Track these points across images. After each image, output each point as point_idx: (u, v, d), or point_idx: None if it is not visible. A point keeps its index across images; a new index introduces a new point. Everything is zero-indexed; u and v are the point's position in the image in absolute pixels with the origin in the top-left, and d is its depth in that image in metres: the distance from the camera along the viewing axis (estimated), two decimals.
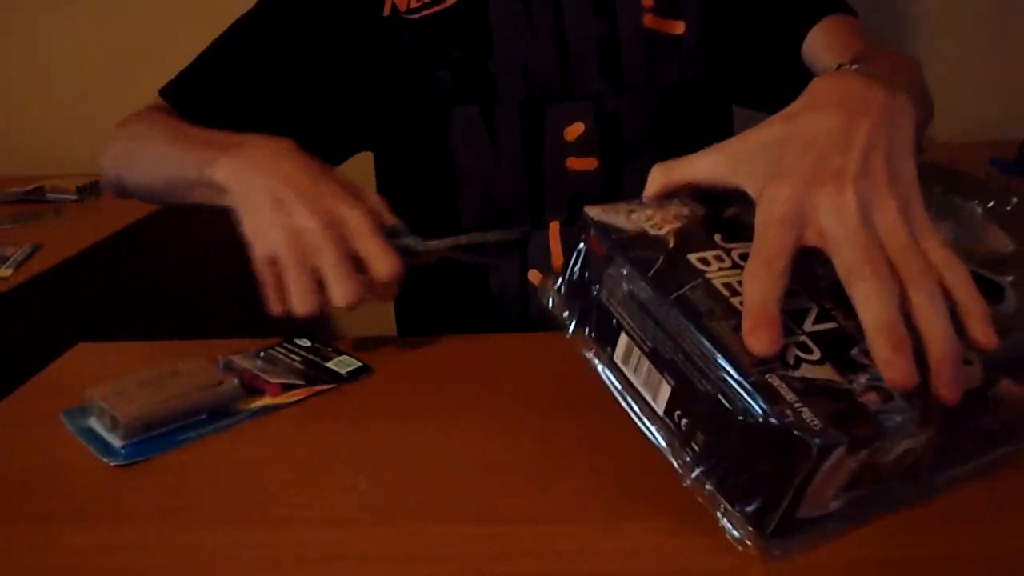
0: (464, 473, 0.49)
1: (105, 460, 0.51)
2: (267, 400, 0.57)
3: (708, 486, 0.41)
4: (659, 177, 0.50)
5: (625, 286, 0.45)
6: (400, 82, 0.82)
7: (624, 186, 0.81)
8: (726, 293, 0.43)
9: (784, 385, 0.39)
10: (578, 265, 0.48)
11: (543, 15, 0.79)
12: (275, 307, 0.60)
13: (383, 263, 0.58)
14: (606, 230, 0.46)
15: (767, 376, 0.39)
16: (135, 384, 0.55)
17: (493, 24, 0.79)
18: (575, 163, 0.80)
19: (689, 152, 0.51)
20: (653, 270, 0.44)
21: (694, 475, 0.41)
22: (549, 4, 0.79)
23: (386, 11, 0.80)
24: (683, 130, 0.83)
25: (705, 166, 0.48)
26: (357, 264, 0.59)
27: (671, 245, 0.46)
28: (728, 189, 0.47)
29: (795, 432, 0.37)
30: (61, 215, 1.31)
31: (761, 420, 0.38)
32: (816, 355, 0.41)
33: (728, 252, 0.46)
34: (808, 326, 0.42)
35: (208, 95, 0.82)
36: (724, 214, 0.49)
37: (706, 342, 0.40)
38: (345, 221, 0.59)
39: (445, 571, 0.41)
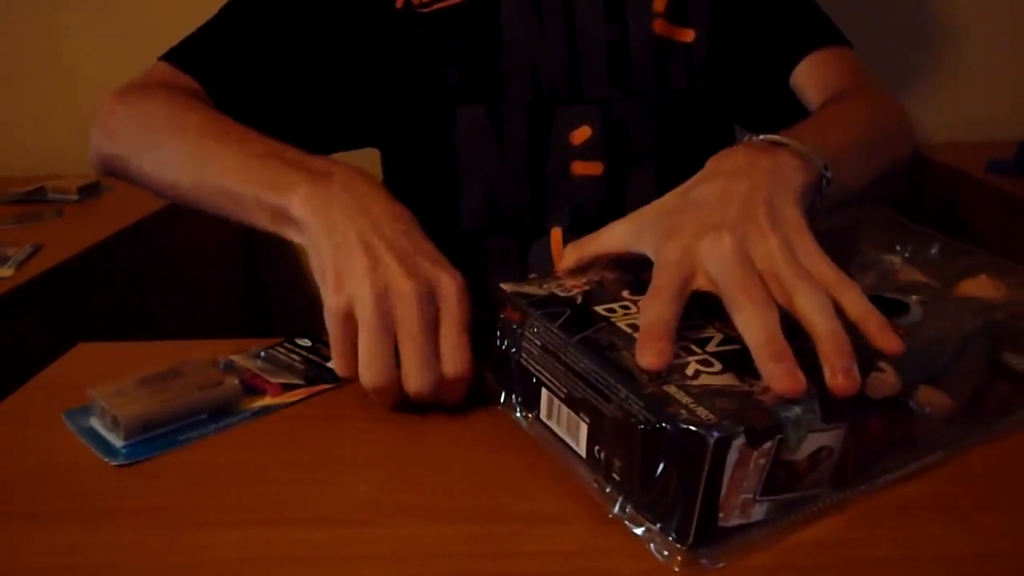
0: (463, 473, 0.49)
1: (106, 460, 0.51)
2: (267, 400, 0.57)
3: (628, 509, 0.42)
4: (572, 253, 0.55)
5: (538, 342, 0.48)
6: (407, 76, 0.81)
7: (627, 194, 0.80)
8: (629, 331, 0.46)
9: (680, 391, 0.41)
10: (499, 337, 0.51)
11: (554, 17, 0.79)
12: (342, 369, 0.52)
13: (453, 363, 0.51)
14: (519, 297, 0.50)
15: (664, 387, 0.41)
16: (135, 384, 0.55)
17: (503, 23, 0.79)
18: (580, 167, 0.80)
19: (691, 163, 0.55)
20: (560, 320, 0.47)
21: (617, 504, 0.43)
22: (560, 6, 0.79)
23: (399, 3, 0.80)
24: (687, 140, 0.83)
25: (611, 238, 0.53)
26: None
27: (579, 301, 0.50)
28: (636, 256, 0.51)
29: (691, 428, 0.38)
30: (62, 215, 1.31)
31: (658, 425, 0.39)
32: (717, 367, 0.43)
33: (635, 303, 0.49)
34: (711, 348, 0.45)
35: (218, 66, 0.77)
36: (634, 278, 0.52)
37: (606, 369, 0.43)
38: (441, 294, 0.51)
39: (444, 571, 0.41)
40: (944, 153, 1.44)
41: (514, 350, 0.50)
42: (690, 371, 0.43)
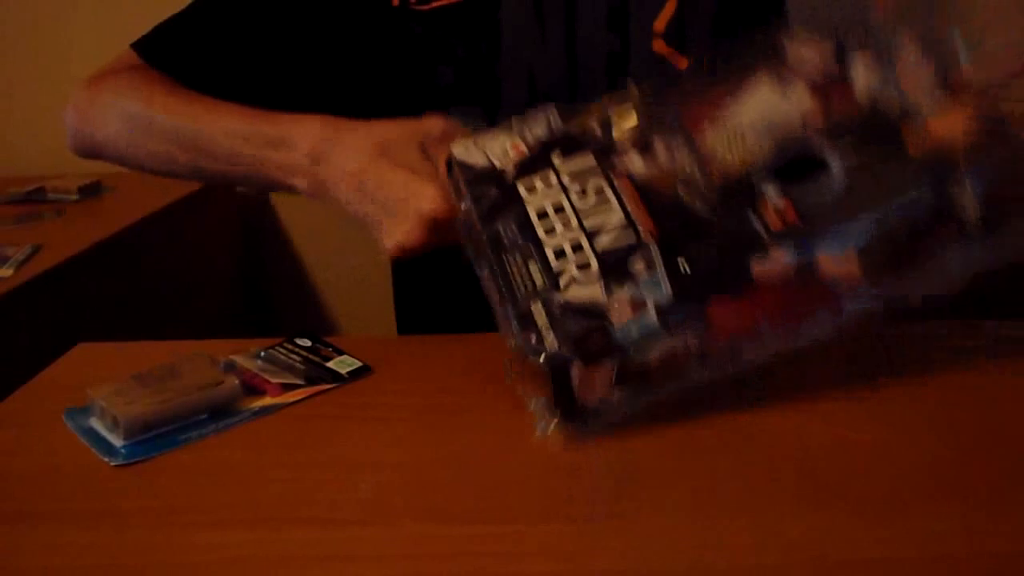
0: (464, 473, 0.49)
1: (106, 460, 0.51)
2: (267, 400, 0.57)
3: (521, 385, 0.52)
4: None
5: (465, 217, 0.56)
6: (402, 75, 0.80)
7: None
8: (533, 222, 0.53)
9: (542, 312, 0.49)
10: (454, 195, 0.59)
11: (555, 22, 0.78)
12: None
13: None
14: (461, 168, 0.57)
15: (531, 303, 0.50)
16: (135, 384, 0.55)
17: (503, 26, 0.78)
18: None
19: None
20: (484, 204, 0.55)
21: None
22: (562, 12, 0.78)
23: (395, 1, 0.79)
24: None
25: None
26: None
27: (509, 178, 0.56)
28: None
29: (535, 356, 0.48)
30: (62, 215, 1.31)
31: (518, 342, 0.50)
32: (592, 273, 0.50)
33: (558, 173, 0.55)
34: (601, 245, 0.51)
35: (193, 58, 0.78)
36: (575, 129, 0.58)
37: (499, 273, 0.52)
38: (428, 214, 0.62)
39: (445, 571, 0.41)
40: None
41: (461, 209, 0.57)
42: (564, 280, 0.50)
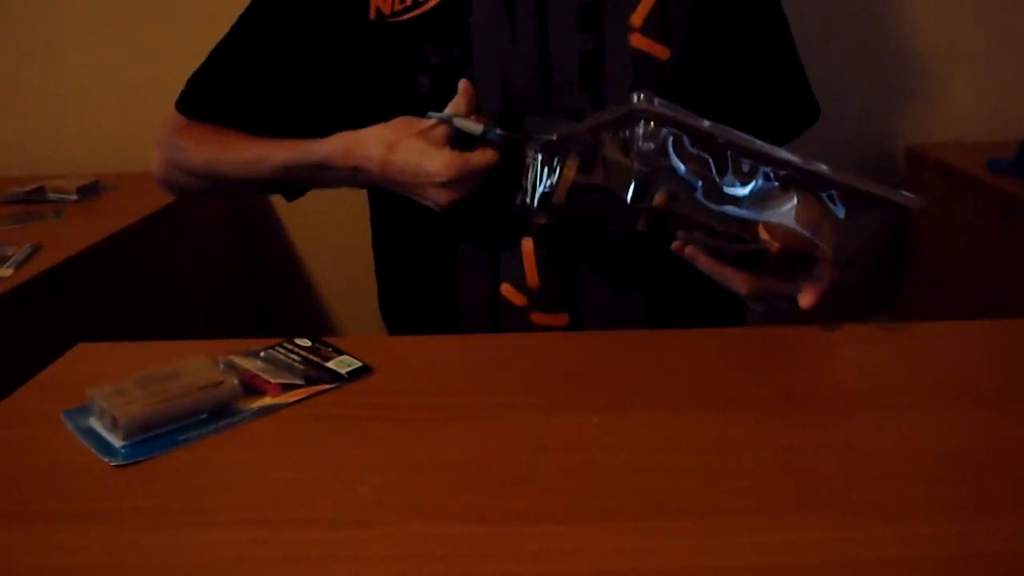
0: (464, 473, 0.49)
1: (105, 460, 0.51)
2: (267, 400, 0.57)
3: None
4: None
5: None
6: (383, 86, 0.81)
7: None
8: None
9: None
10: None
11: (526, 24, 0.78)
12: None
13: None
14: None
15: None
16: (135, 384, 0.55)
17: (474, 30, 0.78)
18: None
19: None
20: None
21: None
22: (533, 13, 0.78)
23: (371, 15, 0.79)
24: None
25: None
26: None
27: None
28: None
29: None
30: (61, 215, 1.31)
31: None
32: None
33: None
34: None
35: (224, 104, 0.84)
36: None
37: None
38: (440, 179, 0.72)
39: (444, 571, 0.41)
40: (944, 153, 1.44)
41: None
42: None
